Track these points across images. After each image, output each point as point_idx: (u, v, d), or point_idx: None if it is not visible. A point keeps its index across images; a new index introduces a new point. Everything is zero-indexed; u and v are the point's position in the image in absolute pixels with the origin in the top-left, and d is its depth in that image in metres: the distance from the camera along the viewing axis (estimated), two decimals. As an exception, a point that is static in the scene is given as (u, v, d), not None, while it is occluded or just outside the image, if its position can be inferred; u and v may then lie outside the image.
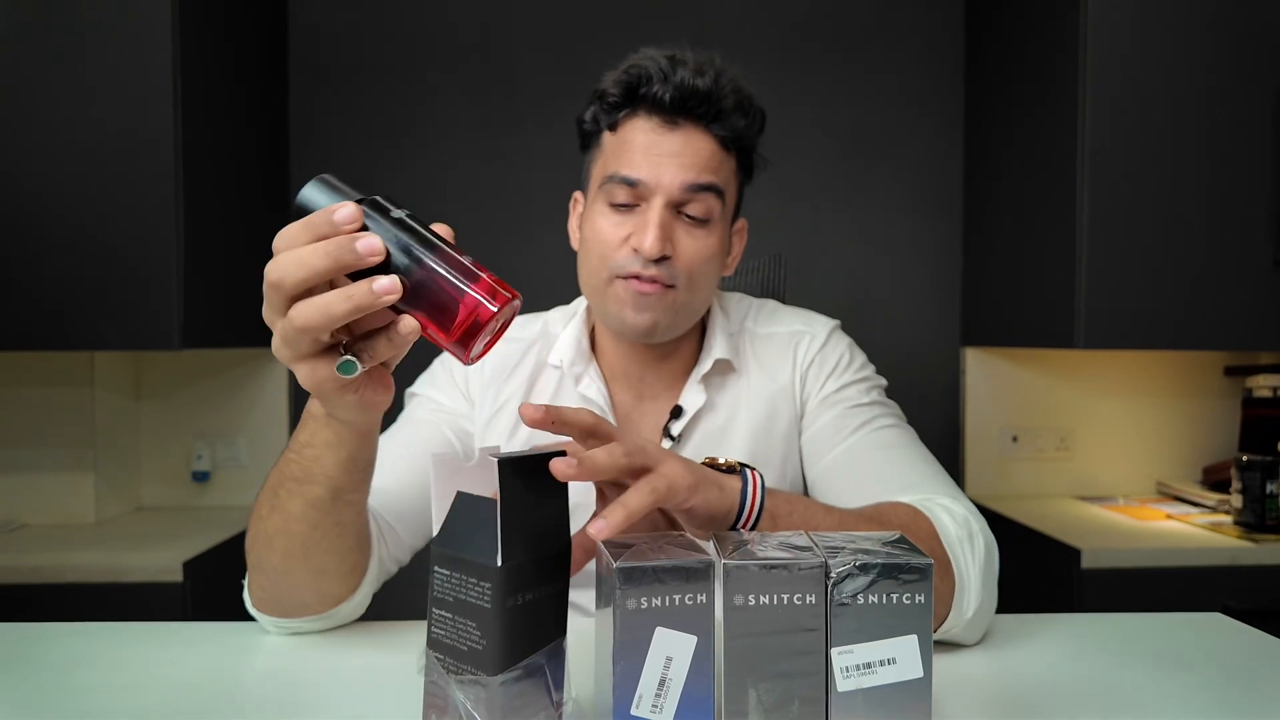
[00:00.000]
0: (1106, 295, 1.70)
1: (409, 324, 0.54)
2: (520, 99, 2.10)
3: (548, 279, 2.17)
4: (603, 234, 0.92)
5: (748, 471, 0.68)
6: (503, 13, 2.09)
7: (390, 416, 1.07)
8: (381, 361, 0.59)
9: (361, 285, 0.53)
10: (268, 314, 0.58)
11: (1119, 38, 1.68)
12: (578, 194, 1.02)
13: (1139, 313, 1.71)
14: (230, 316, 1.83)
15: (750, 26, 2.12)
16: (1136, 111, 1.69)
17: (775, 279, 1.30)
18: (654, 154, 0.90)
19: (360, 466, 0.71)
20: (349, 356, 0.57)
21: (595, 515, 0.61)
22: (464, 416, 1.01)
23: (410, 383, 1.04)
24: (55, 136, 1.59)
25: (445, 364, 1.05)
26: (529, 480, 0.54)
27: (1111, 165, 1.69)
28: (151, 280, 1.60)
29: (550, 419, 0.61)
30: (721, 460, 0.69)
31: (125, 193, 1.60)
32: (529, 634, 0.54)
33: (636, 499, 0.58)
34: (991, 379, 2.14)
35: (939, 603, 0.74)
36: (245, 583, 0.81)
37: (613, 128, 0.94)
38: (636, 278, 0.90)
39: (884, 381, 1.04)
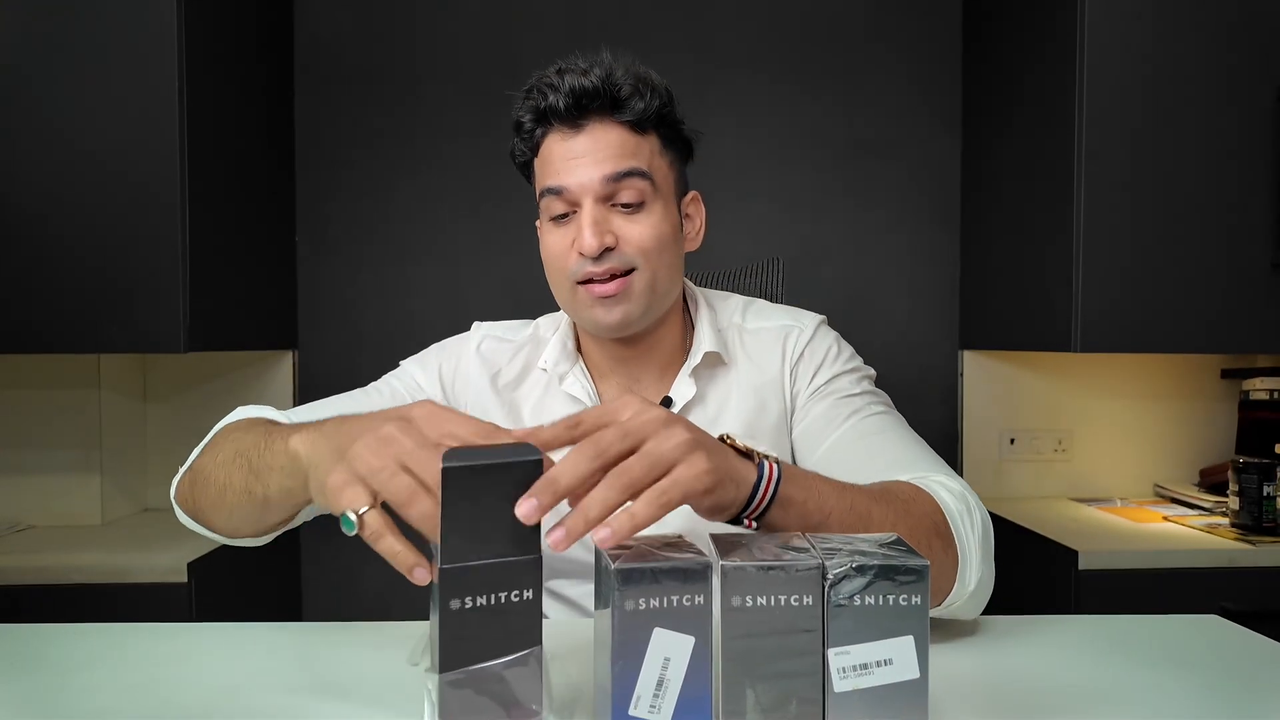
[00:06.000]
0: (1103, 299, 1.70)
1: (423, 576, 0.56)
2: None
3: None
4: (553, 248, 0.97)
5: (765, 464, 0.66)
6: (506, 21, 2.10)
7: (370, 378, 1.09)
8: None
9: (408, 559, 0.57)
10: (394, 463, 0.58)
11: (1116, 41, 1.69)
12: (538, 222, 1.04)
13: (1136, 316, 1.71)
14: (236, 319, 1.84)
15: (750, 34, 2.12)
16: (1133, 114, 1.70)
17: (772, 282, 1.31)
18: (568, 159, 0.94)
19: (305, 503, 0.75)
20: (354, 518, 0.58)
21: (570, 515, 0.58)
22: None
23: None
24: (62, 141, 1.60)
25: (438, 354, 1.09)
26: (485, 488, 0.54)
27: (1108, 169, 1.69)
28: (157, 283, 1.61)
29: (549, 503, 0.56)
30: (740, 443, 0.67)
31: (131, 197, 1.61)
32: (481, 640, 0.54)
33: (646, 511, 0.56)
34: (989, 382, 2.15)
35: (943, 576, 0.75)
36: (177, 478, 0.93)
37: (535, 151, 0.99)
38: (592, 280, 0.94)
39: (873, 372, 1.06)
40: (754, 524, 0.67)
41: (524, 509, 0.53)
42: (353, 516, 0.58)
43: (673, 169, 1.00)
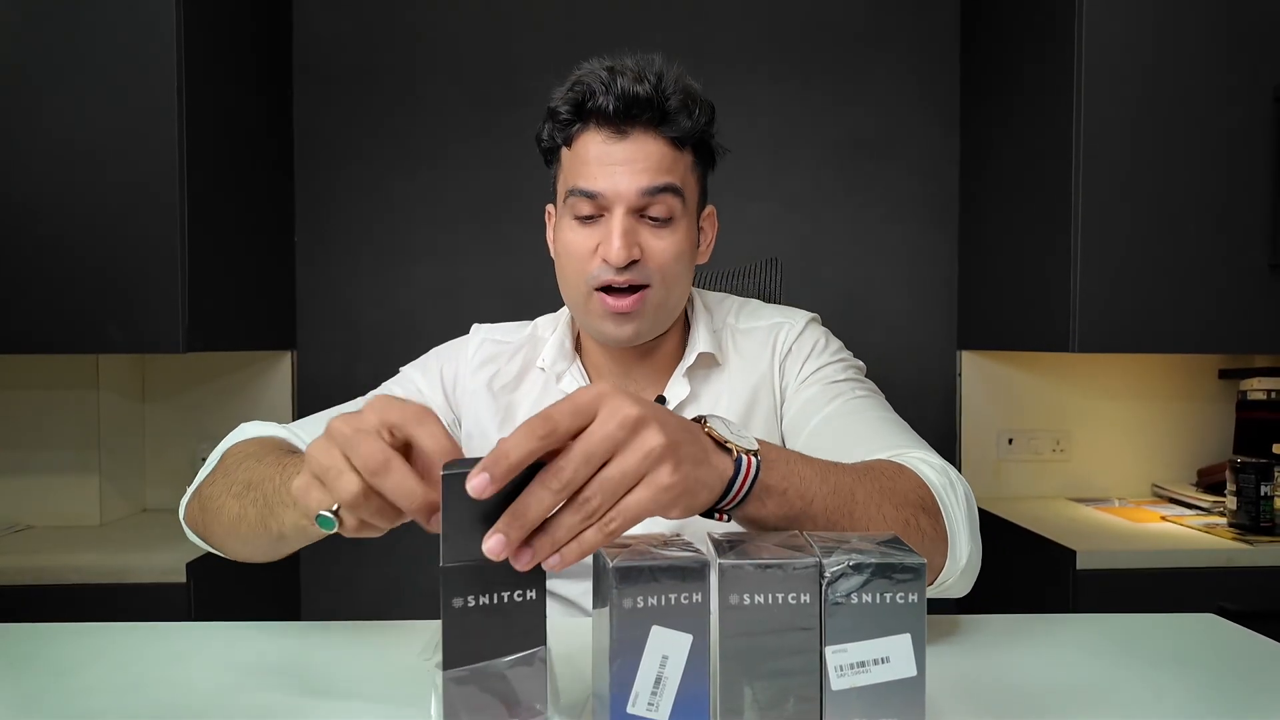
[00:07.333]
0: (1101, 299, 1.70)
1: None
2: (522, 106, 2.10)
3: (550, 285, 2.18)
4: (573, 247, 0.96)
5: (744, 460, 0.63)
6: (506, 21, 2.10)
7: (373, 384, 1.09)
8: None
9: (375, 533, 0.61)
10: (334, 460, 0.59)
11: (1114, 41, 1.69)
12: (550, 207, 1.05)
13: (1134, 316, 1.71)
14: (234, 319, 1.84)
15: (748, 33, 2.13)
16: (1131, 114, 1.70)
17: (771, 283, 1.31)
18: (607, 164, 0.93)
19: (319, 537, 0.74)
20: (331, 515, 0.59)
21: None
22: (437, 407, 1.05)
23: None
24: (61, 140, 1.60)
25: (438, 358, 1.09)
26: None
27: (1106, 168, 1.70)
28: (156, 283, 1.61)
29: (500, 476, 0.53)
30: (719, 433, 0.63)
31: (130, 196, 1.61)
32: (484, 638, 0.54)
33: (594, 539, 0.54)
34: (987, 382, 2.15)
35: (935, 552, 0.74)
36: (184, 500, 0.90)
37: (568, 143, 0.97)
38: (610, 288, 0.93)
39: (861, 364, 1.07)
40: (725, 517, 0.65)
41: (490, 543, 0.52)
42: (329, 514, 0.59)
43: (699, 184, 1.00)
